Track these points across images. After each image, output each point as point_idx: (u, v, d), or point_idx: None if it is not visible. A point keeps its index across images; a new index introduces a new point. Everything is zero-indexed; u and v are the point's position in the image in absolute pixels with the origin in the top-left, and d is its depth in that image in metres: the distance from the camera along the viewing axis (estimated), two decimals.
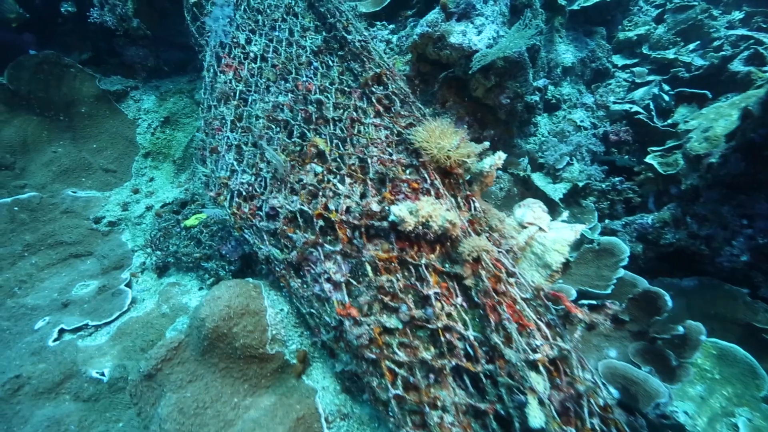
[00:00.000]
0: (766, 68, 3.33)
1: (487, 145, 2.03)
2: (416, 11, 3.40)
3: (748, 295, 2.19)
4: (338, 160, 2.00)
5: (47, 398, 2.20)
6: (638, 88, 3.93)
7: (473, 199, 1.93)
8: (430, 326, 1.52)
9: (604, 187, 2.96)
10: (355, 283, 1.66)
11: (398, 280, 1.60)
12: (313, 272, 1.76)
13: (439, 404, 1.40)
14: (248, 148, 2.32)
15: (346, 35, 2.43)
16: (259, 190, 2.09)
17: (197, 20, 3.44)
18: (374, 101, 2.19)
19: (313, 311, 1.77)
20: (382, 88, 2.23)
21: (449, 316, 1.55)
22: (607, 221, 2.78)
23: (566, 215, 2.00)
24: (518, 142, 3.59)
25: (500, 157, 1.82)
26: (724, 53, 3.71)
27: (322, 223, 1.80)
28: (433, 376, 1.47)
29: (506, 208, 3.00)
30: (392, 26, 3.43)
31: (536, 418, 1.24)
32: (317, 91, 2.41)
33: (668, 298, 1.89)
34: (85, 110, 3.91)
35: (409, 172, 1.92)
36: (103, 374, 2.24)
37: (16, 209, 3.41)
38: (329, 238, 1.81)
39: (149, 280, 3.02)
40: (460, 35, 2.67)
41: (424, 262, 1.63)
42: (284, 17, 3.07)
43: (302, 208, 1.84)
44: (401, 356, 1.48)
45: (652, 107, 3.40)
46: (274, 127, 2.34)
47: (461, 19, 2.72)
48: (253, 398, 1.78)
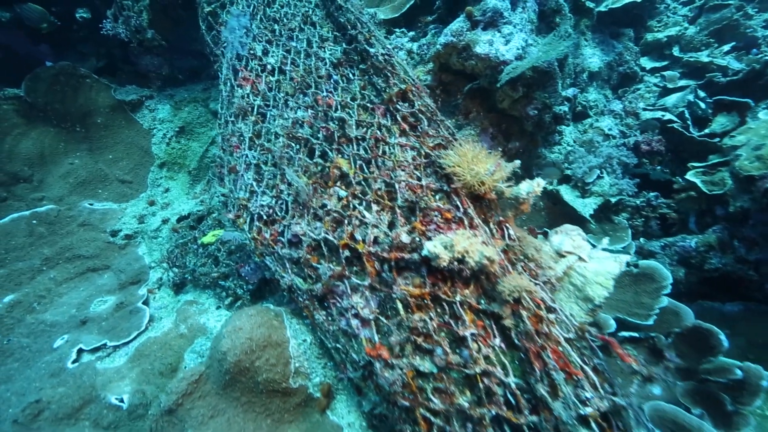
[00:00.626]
0: None
1: (518, 164, 1.90)
2: (437, 17, 3.26)
3: None
4: (363, 183, 1.90)
5: (67, 424, 2.16)
6: (670, 93, 3.74)
7: (507, 225, 1.82)
8: (467, 371, 1.41)
9: (638, 203, 2.80)
10: (384, 320, 1.56)
11: (431, 318, 1.49)
12: (339, 306, 1.67)
13: None
14: (268, 167, 2.24)
15: (368, 48, 2.32)
16: (280, 213, 2.01)
17: (212, 29, 3.37)
18: (399, 119, 2.08)
19: (339, 346, 1.69)
20: (407, 105, 2.11)
21: (487, 359, 1.45)
22: (642, 240, 2.63)
23: (606, 242, 1.86)
24: (543, 151, 3.44)
25: (539, 184, 1.70)
26: (764, 56, 3.49)
27: (348, 253, 1.71)
28: (471, 425, 1.37)
29: (532, 222, 2.87)
30: (412, 33, 3.30)
31: None
32: (338, 106, 2.31)
33: (723, 337, 1.75)
34: (101, 121, 3.89)
35: (438, 197, 1.81)
36: (122, 400, 2.20)
37: (34, 222, 3.41)
38: (355, 268, 1.72)
39: (166, 296, 2.98)
40: (486, 45, 2.54)
41: (458, 299, 1.52)
42: (301, 26, 2.97)
43: (327, 236, 1.75)
44: (437, 404, 1.39)
45: (687, 115, 3.22)
46: (294, 145, 2.26)
47: (487, 27, 2.59)
48: None
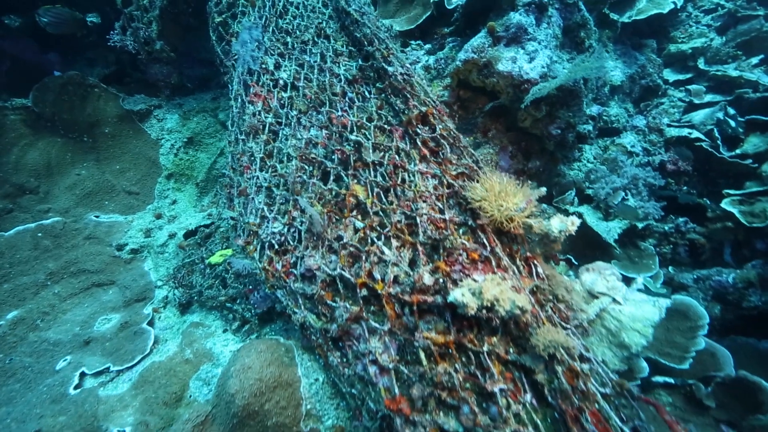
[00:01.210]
0: None
1: (543, 191, 1.78)
2: (455, 29, 3.15)
3: None
4: (381, 214, 1.79)
5: None
6: (696, 109, 3.58)
7: (535, 263, 1.70)
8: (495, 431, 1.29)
9: (666, 229, 2.66)
10: (405, 369, 1.45)
11: (456, 371, 1.38)
12: (355, 349, 1.56)
13: None
14: (279, 191, 2.13)
15: (386, 66, 2.21)
16: (292, 242, 1.90)
17: (223, 40, 3.28)
18: (419, 143, 1.97)
19: (354, 392, 1.57)
20: (428, 128, 2.00)
21: (517, 417, 1.33)
22: (671, 269, 2.49)
23: (641, 281, 1.73)
24: (562, 168, 3.31)
25: (573, 222, 1.57)
26: None
27: (365, 292, 1.60)
28: None
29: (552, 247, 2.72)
30: (428, 46, 3.19)
31: None
32: (354, 127, 2.20)
33: None
34: (108, 131, 3.83)
35: (462, 231, 1.69)
36: None
37: (39, 235, 3.34)
38: (373, 307, 1.61)
39: (172, 316, 2.89)
40: (509, 62, 2.42)
41: (486, 349, 1.40)
42: (315, 40, 2.87)
43: (343, 273, 1.64)
44: None
45: (716, 134, 3.07)
46: (307, 167, 2.15)
47: (510, 44, 2.47)
48: None
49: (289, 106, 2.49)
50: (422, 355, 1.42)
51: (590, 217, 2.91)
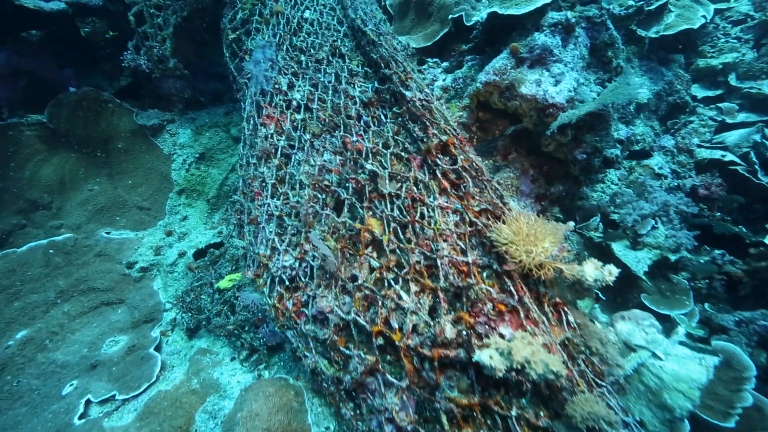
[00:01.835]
0: None
1: (571, 226, 1.65)
2: (473, 47, 3.03)
3: None
4: (398, 252, 1.68)
5: None
6: (728, 129, 3.39)
7: (565, 309, 1.56)
8: None
9: (702, 262, 2.48)
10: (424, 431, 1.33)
11: None
12: (370, 403, 1.45)
13: None
14: (291, 220, 2.05)
15: (404, 91, 2.11)
16: (304, 279, 1.81)
17: (236, 56, 3.24)
18: (439, 175, 1.86)
19: None
20: (448, 159, 1.89)
21: None
22: (707, 306, 2.32)
23: (682, 332, 1.58)
24: (584, 190, 3.15)
25: (610, 272, 1.44)
26: None
27: (381, 341, 1.49)
28: None
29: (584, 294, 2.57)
30: (446, 64, 3.08)
31: None
32: (369, 153, 2.10)
33: None
34: (121, 145, 3.82)
35: (486, 274, 1.57)
36: None
37: (51, 252, 3.33)
38: (389, 357, 1.50)
39: (179, 340, 2.83)
40: (533, 85, 2.29)
41: (515, 413, 1.28)
42: (329, 59, 2.79)
43: (357, 319, 1.54)
44: None
45: (753, 158, 2.88)
46: (320, 196, 2.06)
47: (535, 65, 2.34)
48: None
49: (302, 128, 2.41)
50: (444, 418, 1.30)
51: (617, 245, 2.75)
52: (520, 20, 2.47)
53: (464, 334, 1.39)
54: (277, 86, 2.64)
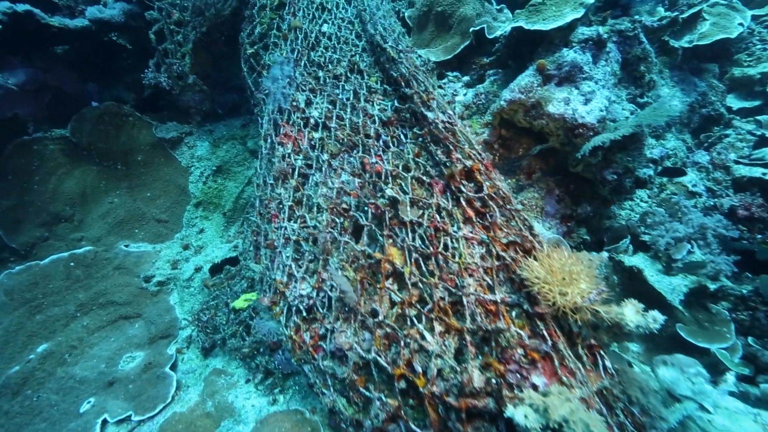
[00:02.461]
0: None
1: (605, 258, 1.54)
2: (495, 60, 2.93)
3: None
4: (420, 286, 1.60)
5: None
6: None
7: (602, 353, 1.45)
8: None
9: (744, 292, 2.31)
10: None
11: None
12: None
13: None
14: (308, 246, 1.99)
15: (425, 112, 2.03)
16: (321, 310, 1.74)
17: (254, 71, 3.22)
18: (463, 202, 1.77)
19: None
20: (473, 185, 1.80)
21: None
22: (750, 340, 2.15)
23: (732, 381, 1.45)
24: (612, 209, 3.00)
25: (655, 320, 1.32)
26: None
27: (403, 384, 1.41)
28: None
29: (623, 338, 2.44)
30: (466, 78, 2.99)
31: None
32: (389, 176, 2.03)
33: None
34: (141, 158, 3.86)
35: (515, 314, 1.48)
36: None
37: (72, 265, 3.37)
38: (412, 401, 1.41)
39: (195, 359, 2.81)
40: (561, 104, 2.18)
41: None
42: (347, 75, 2.74)
43: (378, 359, 1.46)
44: None
45: None
46: (338, 220, 2.00)
47: (563, 83, 2.23)
48: None
49: (320, 148, 2.36)
50: None
51: (648, 269, 2.59)
52: (547, 35, 2.36)
53: (494, 382, 1.30)
54: (294, 103, 2.60)
